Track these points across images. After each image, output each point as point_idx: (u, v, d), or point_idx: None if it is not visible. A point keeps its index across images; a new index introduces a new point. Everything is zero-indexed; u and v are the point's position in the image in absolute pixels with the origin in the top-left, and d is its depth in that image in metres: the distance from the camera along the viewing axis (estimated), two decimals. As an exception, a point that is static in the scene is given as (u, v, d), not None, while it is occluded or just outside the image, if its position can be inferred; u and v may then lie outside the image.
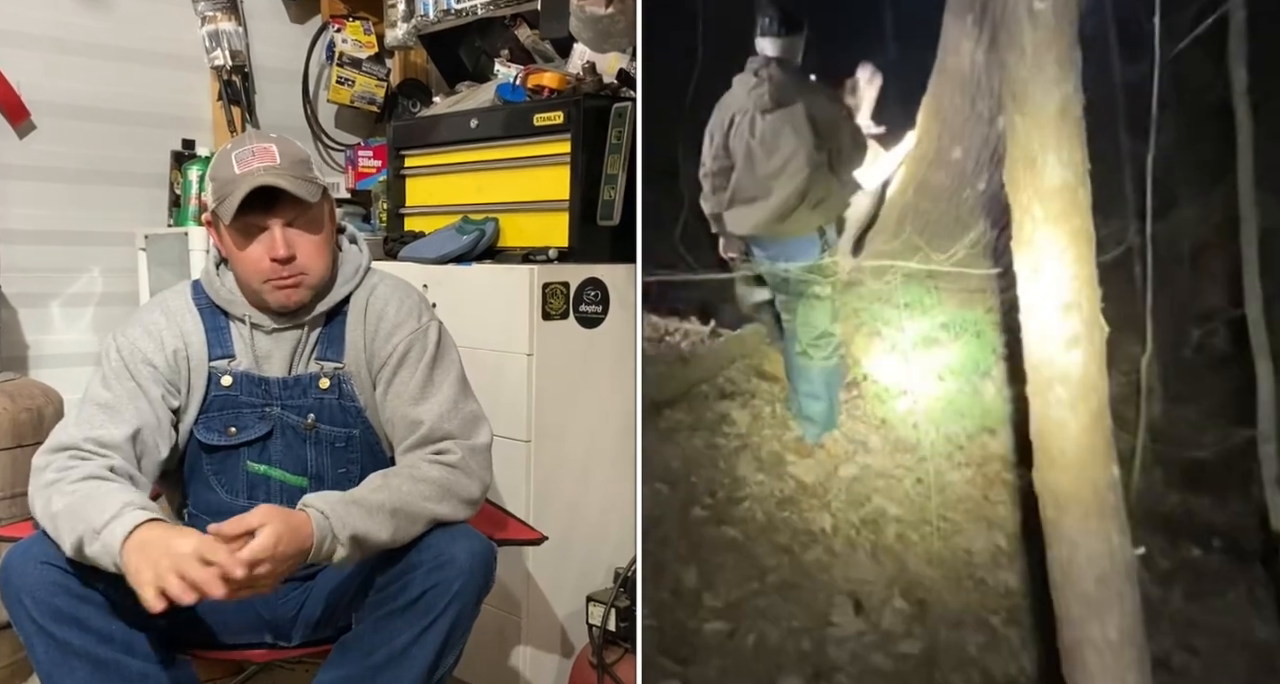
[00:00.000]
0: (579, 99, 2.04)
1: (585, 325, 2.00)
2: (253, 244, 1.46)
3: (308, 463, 1.54)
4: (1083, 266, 1.22)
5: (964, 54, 1.70)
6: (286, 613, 1.56)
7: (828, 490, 1.78)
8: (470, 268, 2.07)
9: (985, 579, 1.66)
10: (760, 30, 1.87)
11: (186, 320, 1.54)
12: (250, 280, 1.49)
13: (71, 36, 2.58)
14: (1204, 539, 1.61)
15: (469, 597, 1.38)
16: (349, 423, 1.55)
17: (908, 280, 1.81)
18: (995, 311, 1.79)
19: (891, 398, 1.86)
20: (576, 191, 2.01)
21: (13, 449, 2.05)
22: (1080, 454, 1.26)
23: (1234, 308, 1.51)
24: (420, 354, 1.53)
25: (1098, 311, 1.24)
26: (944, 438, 1.78)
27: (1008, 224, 1.72)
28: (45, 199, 2.57)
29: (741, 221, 1.93)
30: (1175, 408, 1.61)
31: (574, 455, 2.00)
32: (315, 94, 2.97)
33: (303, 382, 1.53)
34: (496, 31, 2.63)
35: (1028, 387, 1.31)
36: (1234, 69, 1.43)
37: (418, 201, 2.42)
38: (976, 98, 1.70)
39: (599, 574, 2.01)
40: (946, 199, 1.78)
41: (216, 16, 2.75)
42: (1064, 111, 1.19)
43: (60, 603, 1.32)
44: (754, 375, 2.06)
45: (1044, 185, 1.21)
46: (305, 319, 1.53)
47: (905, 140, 1.91)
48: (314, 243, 1.49)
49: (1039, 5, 1.17)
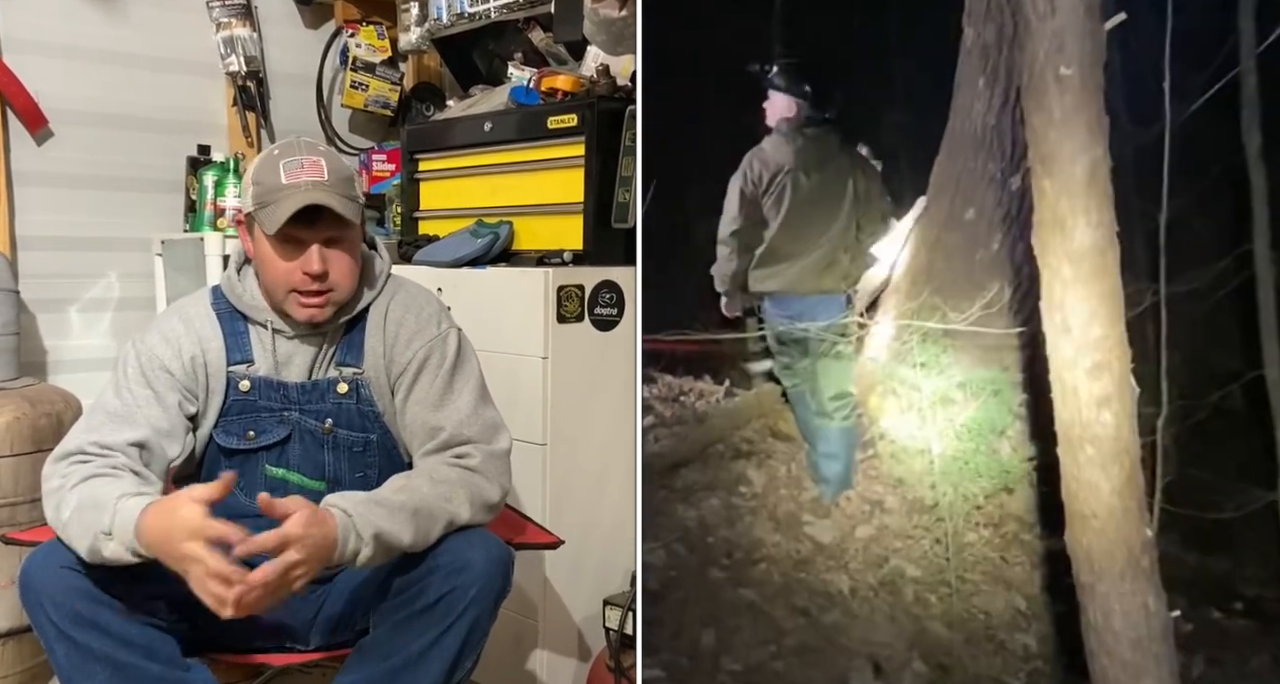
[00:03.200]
0: (593, 102, 2.03)
1: (600, 328, 1.99)
2: (288, 254, 1.46)
3: (325, 467, 1.55)
4: (1113, 327, 1.23)
5: (975, 116, 1.73)
6: (304, 616, 1.57)
7: (845, 551, 1.78)
8: (485, 271, 2.07)
9: (1005, 642, 1.65)
10: (784, 88, 1.90)
11: (205, 327, 1.54)
12: (276, 289, 1.49)
13: (88, 44, 2.60)
14: (1226, 602, 1.60)
15: (486, 601, 1.38)
16: (367, 428, 1.55)
17: (924, 340, 1.82)
18: (1013, 371, 1.80)
19: (909, 457, 1.86)
20: (591, 194, 2.01)
21: (33, 454, 2.06)
22: (1113, 515, 1.25)
23: (1251, 369, 1.51)
24: (440, 361, 1.54)
25: (1128, 372, 1.24)
26: (961, 498, 1.77)
27: (1022, 284, 1.73)
28: (63, 205, 2.59)
29: (771, 280, 1.94)
30: (1193, 470, 1.59)
31: (590, 458, 2.00)
32: (329, 99, 2.99)
33: (321, 387, 1.54)
34: (510, 35, 2.63)
35: (1058, 446, 1.30)
36: (1247, 131, 1.44)
37: (432, 205, 2.42)
38: (988, 160, 1.73)
39: (616, 577, 2.01)
40: (961, 259, 1.81)
41: (231, 23, 2.77)
42: (1093, 175, 1.20)
43: (80, 607, 1.32)
44: (769, 435, 2.07)
45: (1074, 247, 1.22)
46: (327, 328, 1.54)
47: (916, 205, 1.93)
48: (347, 263, 1.49)
49: (1065, 71, 1.17)
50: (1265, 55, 1.41)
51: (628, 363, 2.01)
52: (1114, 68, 1.26)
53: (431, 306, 1.60)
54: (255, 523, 1.35)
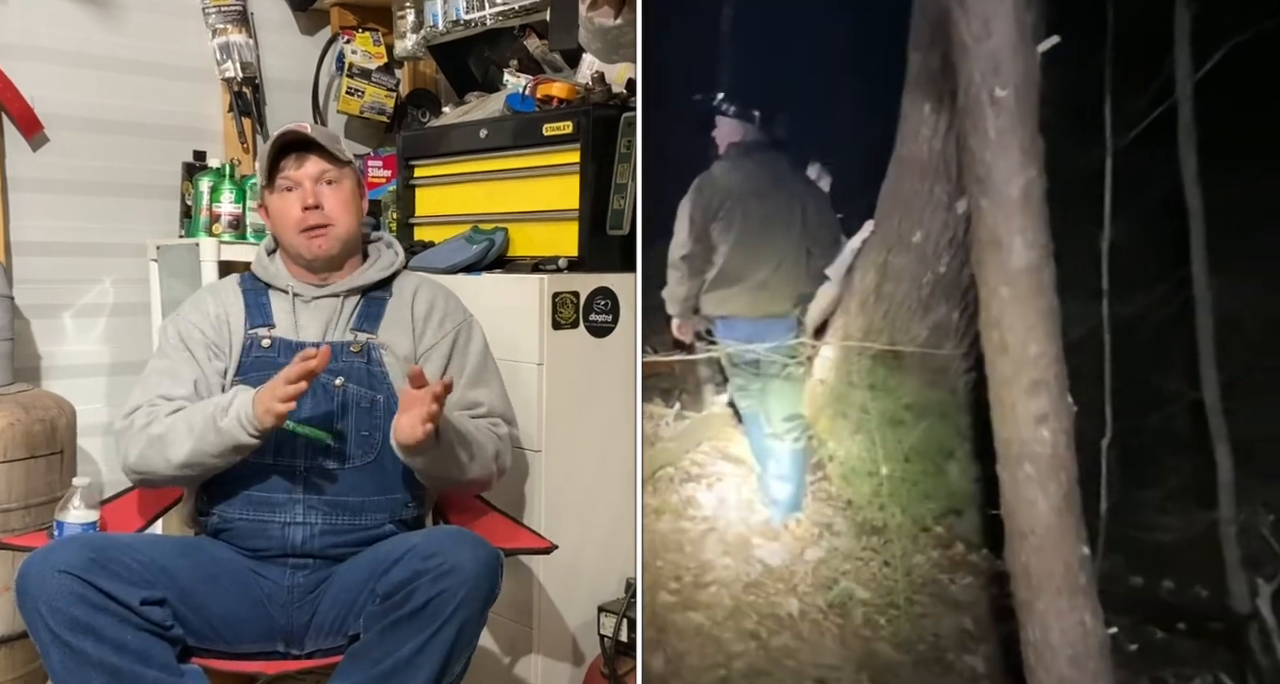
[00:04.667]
0: (588, 109, 2.04)
1: (596, 335, 2.00)
2: (288, 198, 1.69)
3: (334, 420, 1.63)
4: (1050, 345, 1.25)
5: (922, 141, 1.75)
6: (299, 620, 1.57)
7: (794, 574, 1.79)
8: (480, 277, 2.08)
9: (953, 663, 1.66)
10: (732, 114, 1.92)
11: (230, 296, 1.74)
12: (288, 235, 1.71)
13: (84, 50, 2.60)
14: (1169, 622, 1.60)
15: (475, 604, 1.39)
16: (375, 387, 1.65)
17: (873, 362, 1.84)
18: (960, 392, 1.82)
19: (858, 479, 1.88)
20: (586, 201, 2.02)
21: (26, 460, 2.06)
22: (1050, 532, 1.27)
23: (1193, 391, 1.53)
24: (468, 342, 1.75)
25: (1065, 390, 1.27)
26: (910, 520, 1.79)
27: (969, 306, 1.76)
28: (58, 211, 2.59)
29: (722, 303, 1.96)
30: (1136, 491, 1.61)
31: (585, 465, 2.00)
32: (325, 105, 2.99)
33: (335, 348, 1.65)
34: (505, 42, 2.64)
35: (997, 464, 1.32)
36: (1184, 157, 1.47)
37: (427, 211, 2.43)
38: (935, 183, 1.76)
39: (611, 584, 2.01)
40: (909, 281, 1.84)
41: (227, 29, 2.77)
42: (1028, 195, 1.22)
43: (76, 612, 1.33)
44: (720, 458, 2.08)
45: (1010, 266, 1.24)
46: (341, 291, 1.71)
47: (864, 228, 1.95)
48: (340, 199, 1.70)
49: (1000, 93, 1.20)
50: (1201, 82, 1.44)
51: (623, 369, 2.02)
52: (1056, 91, 1.29)
53: (455, 298, 1.82)
54: (271, 469, 1.60)
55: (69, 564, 1.34)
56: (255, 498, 1.59)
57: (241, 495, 1.60)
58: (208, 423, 1.52)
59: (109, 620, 1.34)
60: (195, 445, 1.53)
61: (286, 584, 1.58)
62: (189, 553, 1.55)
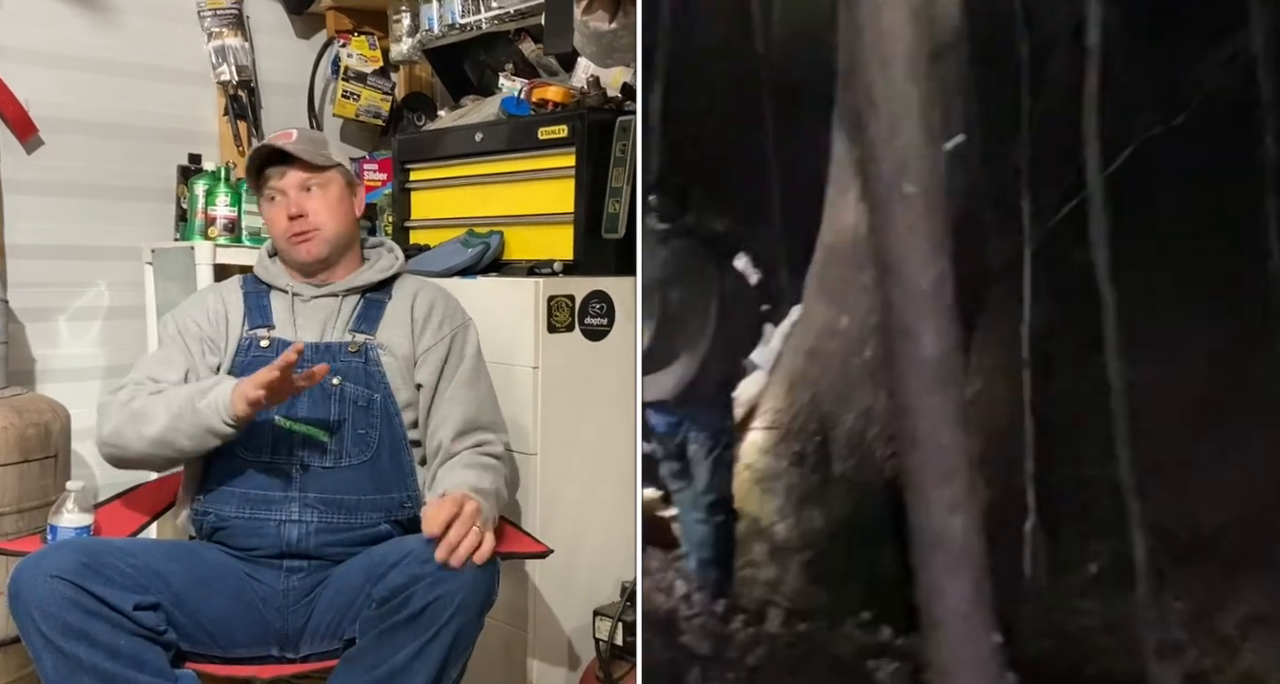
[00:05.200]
0: (583, 113, 2.04)
1: (591, 338, 2.00)
2: (275, 207, 1.72)
3: (331, 418, 1.63)
4: (960, 435, 1.26)
5: (846, 227, 1.78)
6: (294, 624, 1.57)
7: (723, 658, 1.78)
8: (475, 281, 2.08)
9: None
10: (653, 207, 1.93)
11: (232, 295, 1.77)
12: (279, 242, 1.74)
13: (79, 53, 2.60)
14: None
15: (471, 610, 1.39)
16: (371, 386, 1.66)
17: (801, 446, 1.85)
18: (885, 475, 1.82)
19: (786, 562, 1.88)
20: (581, 204, 2.02)
21: (19, 464, 2.06)
22: (961, 622, 1.28)
23: (1111, 474, 1.54)
24: (464, 345, 1.76)
25: (977, 478, 1.28)
26: (837, 603, 1.79)
27: (892, 391, 1.77)
28: (53, 214, 2.58)
29: (648, 389, 1.96)
30: (1059, 575, 1.61)
31: (581, 468, 2.00)
32: (321, 108, 2.99)
33: (333, 347, 1.67)
34: (501, 46, 2.64)
35: (911, 553, 1.32)
36: (1095, 248, 1.50)
37: (423, 215, 2.43)
38: (860, 269, 1.78)
39: (606, 588, 2.01)
40: (836, 366, 1.85)
41: (223, 32, 2.77)
42: (939, 288, 1.24)
43: (69, 617, 1.32)
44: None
45: (920, 356, 1.26)
46: (340, 291, 1.73)
47: (791, 314, 1.96)
48: (325, 203, 1.72)
49: (909, 189, 1.22)
50: (1111, 177, 1.48)
51: (618, 372, 2.02)
52: (975, 183, 1.31)
53: (455, 299, 1.83)
54: (267, 468, 1.61)
55: (61, 569, 1.34)
56: (252, 496, 1.59)
57: (238, 493, 1.60)
58: (186, 403, 1.55)
59: (102, 626, 1.34)
60: (170, 423, 1.54)
61: (281, 587, 1.58)
62: (183, 557, 1.55)
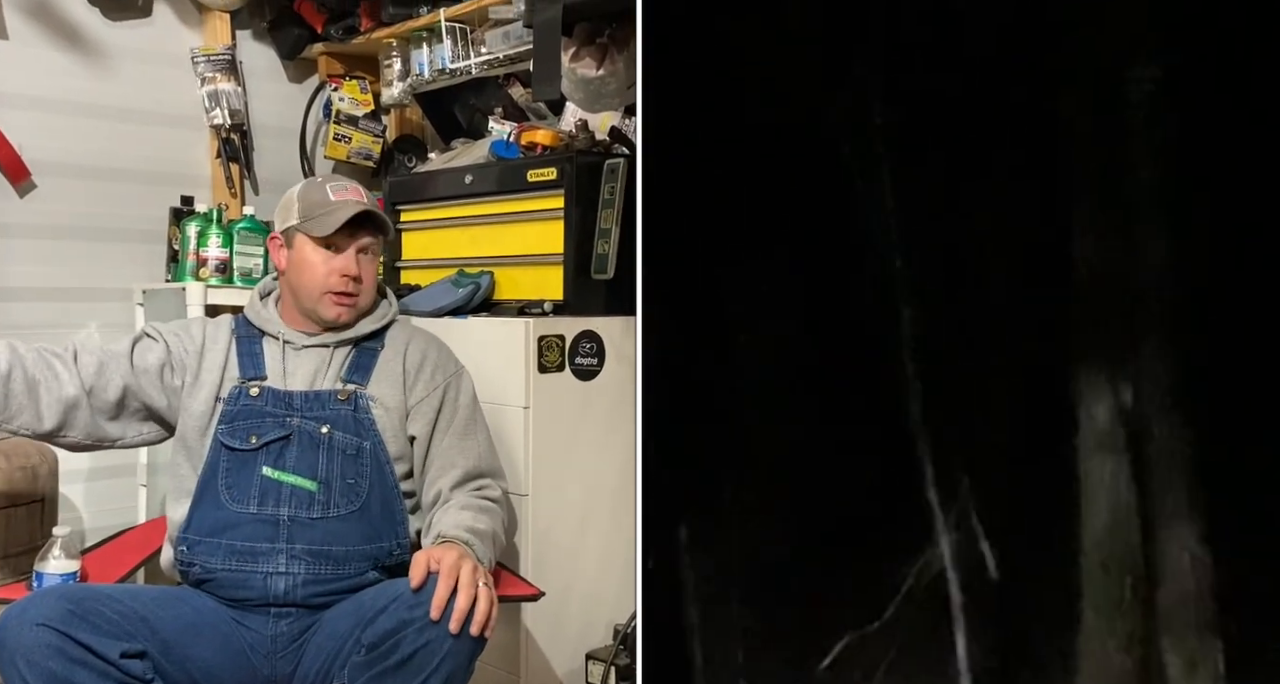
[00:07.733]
0: (572, 156, 2.07)
1: (581, 378, 2.01)
2: (328, 259, 1.70)
3: (319, 468, 1.61)
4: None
5: None
6: (283, 670, 1.55)
7: None
8: (466, 321, 2.09)
9: None
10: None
11: (223, 334, 1.74)
12: (313, 290, 1.70)
13: (72, 98, 2.62)
14: None
15: (462, 656, 1.37)
16: (361, 434, 1.64)
17: None
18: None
19: None
20: (571, 245, 2.04)
21: (6, 509, 2.04)
22: None
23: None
24: (457, 394, 1.75)
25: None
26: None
27: None
28: (44, 257, 2.59)
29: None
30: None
31: (572, 509, 2.00)
32: (313, 150, 3.02)
33: (323, 396, 1.66)
34: (490, 90, 2.68)
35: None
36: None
37: (413, 255, 2.45)
38: None
39: (599, 631, 1.99)
40: None
41: (216, 77, 2.81)
42: None
43: (54, 666, 1.31)
44: None
45: None
46: (331, 342, 1.72)
47: None
48: (371, 271, 1.75)
49: None
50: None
51: (608, 412, 2.02)
52: None
53: (447, 349, 1.83)
54: (254, 519, 1.58)
55: (47, 617, 1.33)
56: (238, 547, 1.57)
57: (224, 545, 1.57)
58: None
59: (88, 674, 1.32)
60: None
61: (270, 633, 1.56)
62: (170, 603, 1.54)
